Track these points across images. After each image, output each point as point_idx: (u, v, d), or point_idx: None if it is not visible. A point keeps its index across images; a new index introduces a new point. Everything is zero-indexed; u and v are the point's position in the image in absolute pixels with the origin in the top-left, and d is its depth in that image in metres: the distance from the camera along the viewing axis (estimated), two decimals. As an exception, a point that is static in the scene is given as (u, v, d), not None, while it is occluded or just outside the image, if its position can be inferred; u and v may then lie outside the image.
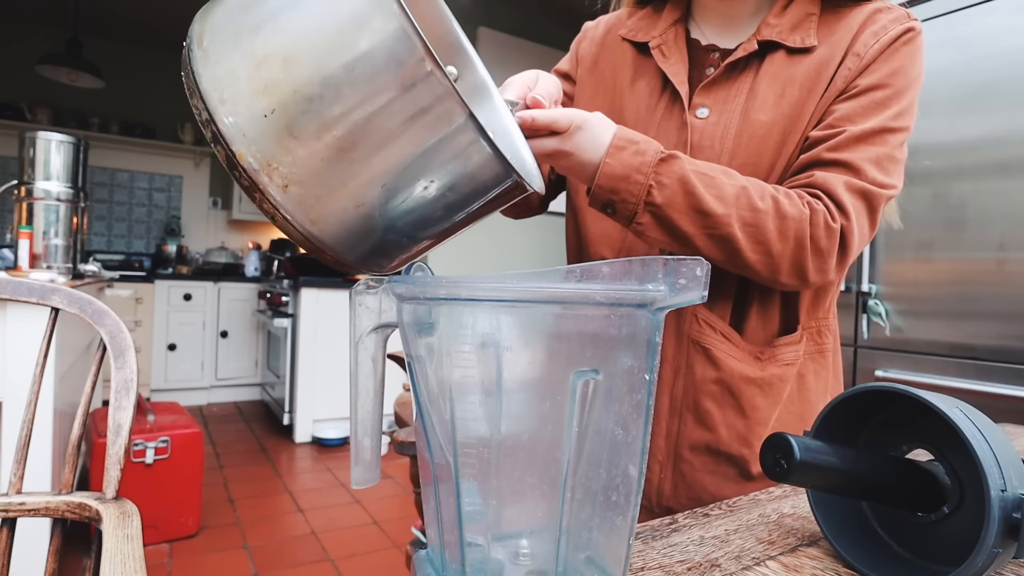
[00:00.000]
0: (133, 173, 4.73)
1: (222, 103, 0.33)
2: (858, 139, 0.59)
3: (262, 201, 0.34)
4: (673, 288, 0.28)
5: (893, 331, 1.71)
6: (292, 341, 3.52)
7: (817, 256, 0.58)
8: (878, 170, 0.60)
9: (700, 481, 0.67)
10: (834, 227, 0.58)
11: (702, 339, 0.65)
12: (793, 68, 0.63)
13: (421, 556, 0.36)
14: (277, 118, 0.33)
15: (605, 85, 0.74)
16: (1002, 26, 1.54)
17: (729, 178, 0.58)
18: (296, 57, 0.32)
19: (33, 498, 0.77)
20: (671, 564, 0.41)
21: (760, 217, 0.57)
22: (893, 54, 0.62)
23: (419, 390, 0.33)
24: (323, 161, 0.34)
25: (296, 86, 0.32)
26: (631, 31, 0.73)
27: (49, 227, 2.08)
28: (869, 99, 0.61)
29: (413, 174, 0.35)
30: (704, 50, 0.70)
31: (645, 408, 0.31)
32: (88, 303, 0.86)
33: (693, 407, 0.66)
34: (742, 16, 0.69)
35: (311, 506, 2.57)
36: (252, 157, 0.33)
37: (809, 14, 0.65)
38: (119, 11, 4.09)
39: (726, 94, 0.65)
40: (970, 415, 0.37)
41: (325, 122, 0.33)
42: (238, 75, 0.33)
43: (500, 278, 0.29)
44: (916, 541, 0.41)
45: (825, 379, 0.69)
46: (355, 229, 0.36)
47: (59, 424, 1.62)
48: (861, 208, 0.59)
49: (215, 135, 0.33)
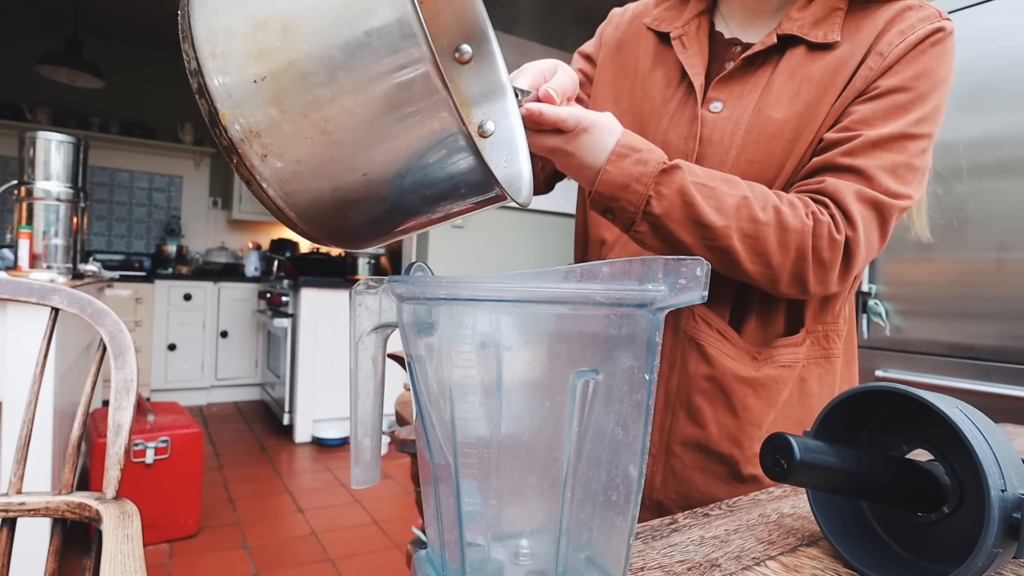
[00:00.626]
0: (133, 173, 4.73)
1: (213, 57, 0.32)
2: (874, 144, 0.57)
3: (239, 165, 0.34)
4: (673, 288, 0.28)
5: (893, 331, 1.71)
6: (292, 341, 3.52)
7: (819, 268, 0.57)
8: (893, 179, 0.57)
9: (690, 477, 0.66)
10: (838, 239, 0.56)
11: (697, 335, 0.65)
12: (812, 65, 0.61)
13: (421, 556, 0.36)
14: (266, 87, 0.32)
15: (625, 71, 0.73)
16: (1002, 26, 1.54)
17: (731, 187, 0.56)
18: (297, 27, 0.31)
19: (33, 498, 0.77)
20: (671, 564, 0.41)
21: (760, 229, 0.56)
22: (919, 55, 0.59)
23: (419, 390, 0.33)
24: (306, 140, 0.33)
25: (292, 58, 0.31)
26: (655, 20, 0.72)
27: (49, 227, 2.08)
28: (890, 102, 0.58)
29: (397, 170, 0.34)
30: (726, 43, 0.68)
31: (645, 408, 0.31)
32: (88, 303, 0.86)
33: (686, 403, 0.66)
34: (767, 11, 0.67)
35: (311, 506, 2.57)
36: (235, 121, 0.33)
37: (835, 9, 0.62)
38: (119, 11, 4.09)
39: (741, 88, 0.64)
40: (970, 415, 0.37)
41: (315, 101, 0.32)
42: (234, 32, 0.32)
43: (500, 278, 0.29)
44: (916, 541, 0.41)
45: (831, 385, 0.68)
46: (328, 210, 0.36)
47: (59, 424, 1.62)
48: (871, 219, 0.57)
49: (201, 88, 0.32)
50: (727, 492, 0.65)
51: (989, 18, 1.55)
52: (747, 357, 0.64)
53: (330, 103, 0.32)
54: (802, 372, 0.66)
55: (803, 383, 0.66)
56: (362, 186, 0.35)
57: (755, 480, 0.65)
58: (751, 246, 0.56)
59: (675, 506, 0.67)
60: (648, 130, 0.68)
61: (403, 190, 0.36)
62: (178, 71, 4.83)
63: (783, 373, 0.65)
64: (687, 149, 0.65)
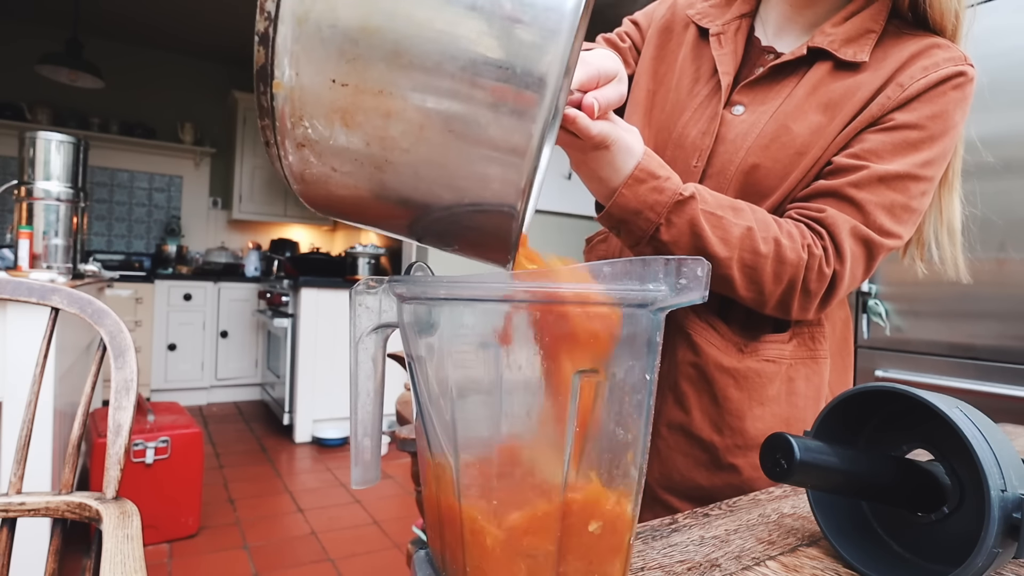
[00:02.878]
0: (133, 173, 4.73)
1: (299, 23, 0.26)
2: (879, 180, 0.58)
3: (267, 131, 0.29)
4: (674, 288, 0.28)
5: (893, 331, 1.71)
6: (292, 341, 3.52)
7: (804, 297, 0.60)
8: (889, 218, 0.59)
9: (673, 460, 0.68)
10: (826, 272, 0.59)
11: (685, 323, 0.66)
12: (834, 84, 0.62)
13: (421, 556, 0.36)
14: (343, 92, 0.27)
15: (666, 53, 0.74)
16: (1002, 26, 1.54)
17: (737, 216, 0.57)
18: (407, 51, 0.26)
19: (33, 498, 0.77)
20: (671, 564, 0.41)
21: (760, 261, 0.58)
22: (939, 96, 0.59)
23: (419, 390, 0.33)
24: (355, 163, 0.29)
25: (386, 88, 0.27)
26: (699, 14, 0.73)
27: (49, 227, 2.08)
28: (902, 137, 0.59)
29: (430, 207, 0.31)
30: (761, 50, 0.69)
31: (645, 408, 0.31)
32: (88, 303, 0.86)
33: (673, 387, 0.68)
34: (804, 23, 0.68)
35: (311, 506, 2.57)
36: (289, 98, 0.28)
37: (869, 31, 0.62)
38: (119, 11, 4.09)
39: (764, 95, 0.65)
40: (970, 415, 0.37)
41: (386, 140, 0.28)
42: (338, 17, 0.26)
43: (500, 278, 0.29)
44: (916, 541, 0.41)
45: (818, 385, 0.69)
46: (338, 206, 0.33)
47: (59, 424, 1.62)
48: (859, 255, 0.59)
49: (264, 36, 0.27)
50: (707, 478, 0.67)
51: (989, 18, 1.55)
52: (732, 348, 0.66)
53: (404, 152, 0.28)
54: (789, 371, 0.67)
55: (791, 382, 0.67)
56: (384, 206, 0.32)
57: (734, 469, 0.66)
58: (748, 275, 0.58)
59: (657, 485, 0.69)
60: (671, 119, 0.70)
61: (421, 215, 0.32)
62: (178, 71, 4.84)
63: (766, 367, 0.66)
64: (703, 145, 0.66)
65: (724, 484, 0.66)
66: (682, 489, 0.68)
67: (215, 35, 4.40)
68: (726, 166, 0.64)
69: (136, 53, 4.68)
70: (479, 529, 0.30)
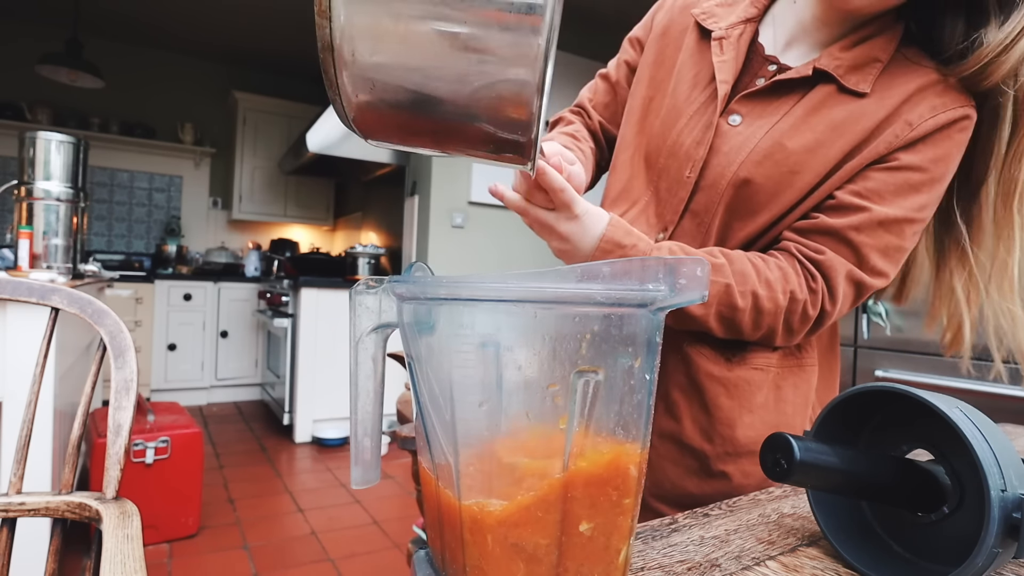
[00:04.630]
0: (133, 173, 4.73)
1: None
2: (879, 224, 0.59)
3: (323, 30, 0.34)
4: (673, 288, 0.28)
5: (893, 331, 1.71)
6: (292, 341, 3.52)
7: (787, 333, 0.63)
8: (883, 259, 0.60)
9: (663, 468, 0.68)
10: (811, 314, 0.61)
11: (676, 334, 0.66)
12: (836, 107, 0.61)
13: (421, 556, 0.36)
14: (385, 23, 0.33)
15: (664, 57, 0.73)
16: None
17: (716, 274, 0.59)
18: None
19: (33, 498, 0.77)
20: (671, 564, 0.41)
21: (737, 315, 0.60)
22: (944, 139, 0.59)
23: (419, 390, 0.33)
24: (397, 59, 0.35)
25: None
26: (704, 14, 0.71)
27: (49, 227, 2.08)
28: (904, 178, 0.59)
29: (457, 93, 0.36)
30: (764, 59, 0.67)
31: (645, 408, 0.31)
32: (88, 303, 0.86)
33: (665, 396, 0.68)
34: (813, 41, 0.65)
35: (311, 506, 2.57)
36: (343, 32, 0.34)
37: (875, 60, 0.61)
38: (119, 11, 4.09)
39: (763, 109, 0.64)
40: (970, 415, 0.37)
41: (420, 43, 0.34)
42: None
43: (500, 278, 0.29)
44: (916, 541, 0.41)
45: (806, 392, 0.69)
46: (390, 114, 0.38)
47: (59, 424, 1.62)
48: (850, 295, 0.61)
49: None
50: (697, 486, 0.67)
51: None
52: (721, 358, 0.66)
53: None
54: (777, 379, 0.67)
55: (779, 390, 0.68)
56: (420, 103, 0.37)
57: (724, 476, 0.66)
58: (727, 325, 0.61)
59: (647, 494, 0.69)
60: (666, 125, 0.69)
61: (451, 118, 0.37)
62: (178, 71, 4.84)
63: (755, 376, 0.66)
64: (696, 156, 0.65)
65: (714, 491, 0.66)
66: (672, 497, 0.68)
67: (215, 35, 4.40)
68: (718, 180, 0.63)
69: (136, 53, 4.68)
70: (479, 529, 0.30)
